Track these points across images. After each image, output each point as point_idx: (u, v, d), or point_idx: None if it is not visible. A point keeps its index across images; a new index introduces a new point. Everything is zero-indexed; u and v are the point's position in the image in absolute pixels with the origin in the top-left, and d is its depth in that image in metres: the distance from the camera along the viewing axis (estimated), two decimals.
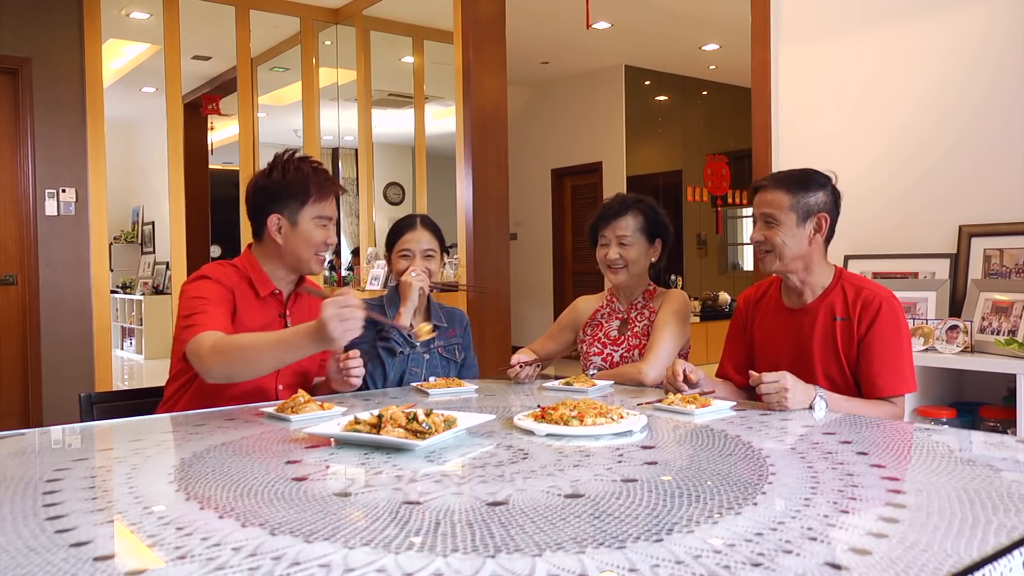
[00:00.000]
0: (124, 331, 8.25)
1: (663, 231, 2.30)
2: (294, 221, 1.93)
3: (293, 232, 1.93)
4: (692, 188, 8.86)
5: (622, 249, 2.26)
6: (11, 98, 4.42)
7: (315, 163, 1.98)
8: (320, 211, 1.94)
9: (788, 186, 1.85)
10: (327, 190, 1.95)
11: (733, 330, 2.12)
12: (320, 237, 1.94)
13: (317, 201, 1.93)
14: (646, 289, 2.33)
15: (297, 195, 1.92)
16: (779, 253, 1.85)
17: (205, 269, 1.92)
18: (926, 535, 0.84)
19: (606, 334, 2.32)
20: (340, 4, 5.74)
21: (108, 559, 0.80)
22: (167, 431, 1.53)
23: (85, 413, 1.91)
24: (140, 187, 8.17)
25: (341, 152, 6.56)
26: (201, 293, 1.83)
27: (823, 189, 1.87)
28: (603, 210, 2.31)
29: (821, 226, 1.86)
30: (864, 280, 1.90)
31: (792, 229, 1.84)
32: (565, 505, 0.96)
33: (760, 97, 3.18)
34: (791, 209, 1.83)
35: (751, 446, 1.30)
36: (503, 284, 4.64)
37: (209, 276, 1.88)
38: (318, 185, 1.93)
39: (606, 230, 2.28)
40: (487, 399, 1.84)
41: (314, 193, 1.92)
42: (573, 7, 5.73)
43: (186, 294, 1.85)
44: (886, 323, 1.80)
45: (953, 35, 2.67)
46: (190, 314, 1.79)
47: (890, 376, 1.79)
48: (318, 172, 1.96)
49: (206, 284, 1.86)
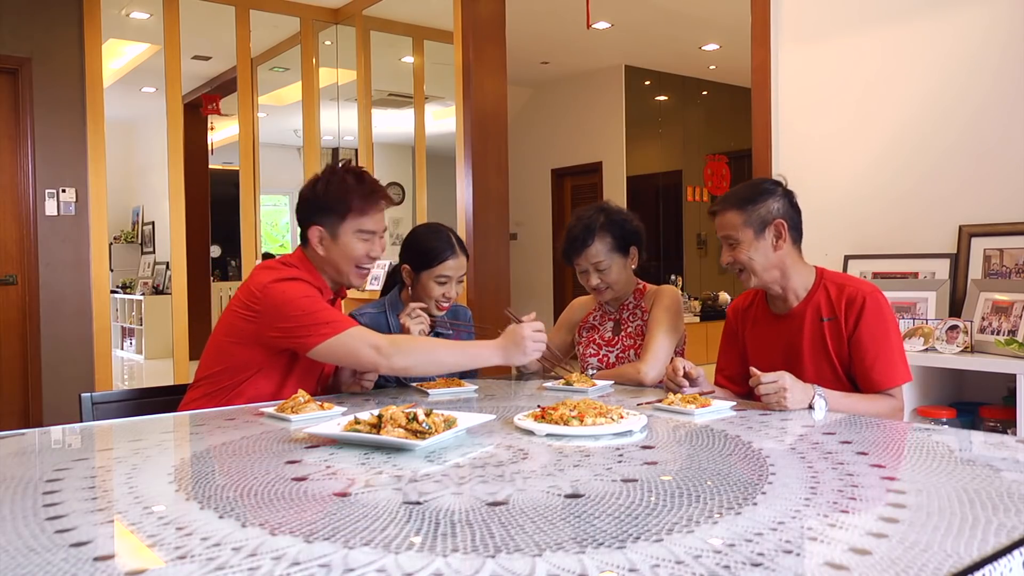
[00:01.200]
0: (124, 331, 8.25)
1: (634, 238, 2.26)
2: (335, 234, 1.91)
3: (334, 245, 1.92)
4: (692, 188, 8.86)
5: (600, 275, 2.23)
6: (11, 98, 4.42)
7: (361, 174, 1.95)
8: (360, 225, 1.91)
9: (736, 204, 1.87)
10: (369, 203, 1.92)
11: (725, 340, 2.12)
12: (361, 251, 1.92)
13: (357, 215, 1.91)
14: (636, 289, 2.33)
15: (337, 208, 1.90)
16: (751, 269, 1.87)
17: (288, 270, 1.88)
18: (926, 535, 0.84)
19: (601, 336, 2.32)
20: (340, 4, 5.74)
21: (108, 559, 0.80)
22: (167, 431, 1.53)
23: (85, 413, 1.91)
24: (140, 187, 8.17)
25: (341, 152, 6.56)
26: (309, 293, 1.82)
27: (772, 196, 1.87)
28: (568, 240, 2.25)
29: (781, 233, 1.87)
30: (846, 277, 1.92)
31: (752, 244, 1.85)
32: (565, 505, 0.96)
33: (760, 97, 3.18)
34: (745, 225, 1.85)
35: (751, 446, 1.30)
36: (503, 284, 4.63)
37: (300, 278, 1.86)
38: (361, 197, 1.91)
39: (579, 259, 2.24)
40: (487, 399, 1.84)
41: (355, 207, 1.90)
42: (573, 7, 5.72)
43: (290, 293, 1.80)
44: (872, 317, 1.81)
45: (953, 35, 2.67)
46: (313, 311, 1.78)
47: (884, 369, 1.79)
48: (362, 184, 1.92)
49: (304, 286, 1.84)
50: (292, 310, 1.78)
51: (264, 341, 1.82)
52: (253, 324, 1.81)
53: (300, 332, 1.77)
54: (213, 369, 1.86)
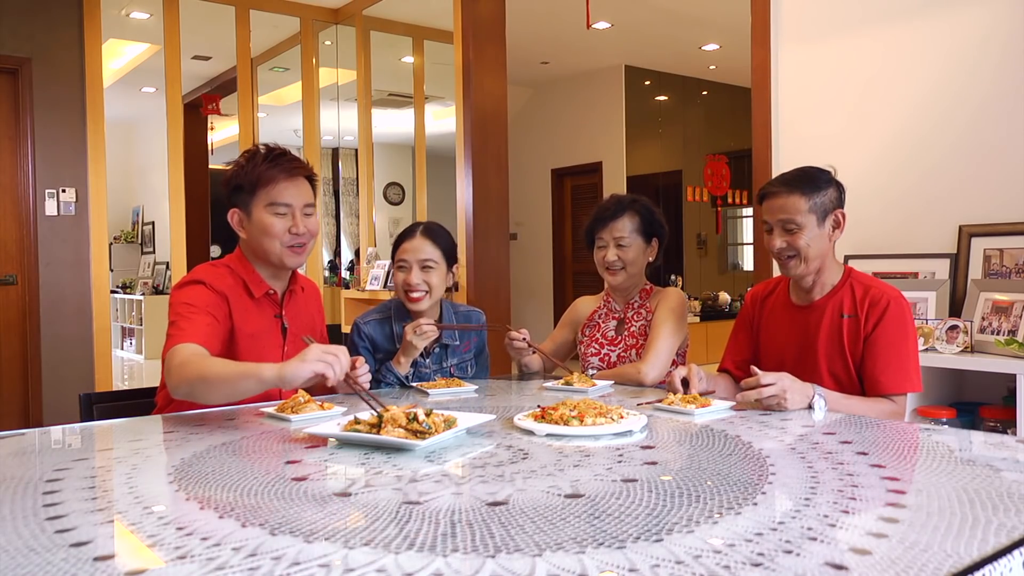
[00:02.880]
0: (124, 331, 8.24)
1: (659, 230, 2.30)
2: (249, 213, 1.84)
3: (251, 224, 1.84)
4: (692, 188, 8.86)
5: (620, 251, 2.25)
6: (11, 98, 4.42)
7: (272, 148, 1.85)
8: (271, 197, 1.81)
9: (801, 188, 1.83)
10: (276, 172, 1.81)
11: (739, 325, 2.11)
12: (278, 227, 1.82)
13: (265, 186, 1.81)
14: (643, 289, 2.33)
15: (245, 184, 1.82)
16: (804, 257, 1.83)
17: (198, 272, 1.84)
18: (926, 535, 0.84)
19: (603, 334, 2.32)
20: (340, 4, 5.74)
21: (108, 559, 0.80)
22: (167, 431, 1.52)
23: (85, 413, 1.91)
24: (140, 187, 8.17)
25: (341, 152, 6.56)
26: (189, 299, 1.75)
27: (831, 185, 1.86)
28: (599, 212, 2.30)
29: (839, 223, 1.86)
30: (873, 279, 1.90)
31: (814, 231, 1.82)
32: (565, 505, 0.96)
33: (760, 97, 3.18)
34: (810, 211, 1.82)
35: (751, 446, 1.30)
36: (503, 284, 4.64)
37: (201, 281, 1.79)
38: (266, 168, 1.81)
39: (603, 232, 2.27)
40: (487, 399, 1.84)
41: (261, 178, 1.81)
42: (573, 7, 5.73)
43: (175, 299, 1.76)
44: (893, 321, 1.79)
45: (953, 35, 2.67)
46: (173, 322, 1.71)
47: (894, 374, 1.78)
48: (270, 158, 1.83)
49: (196, 290, 1.77)
50: (170, 315, 1.75)
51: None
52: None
53: (166, 340, 1.71)
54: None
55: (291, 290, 1.97)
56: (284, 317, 1.94)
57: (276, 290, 1.93)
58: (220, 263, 1.91)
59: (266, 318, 1.90)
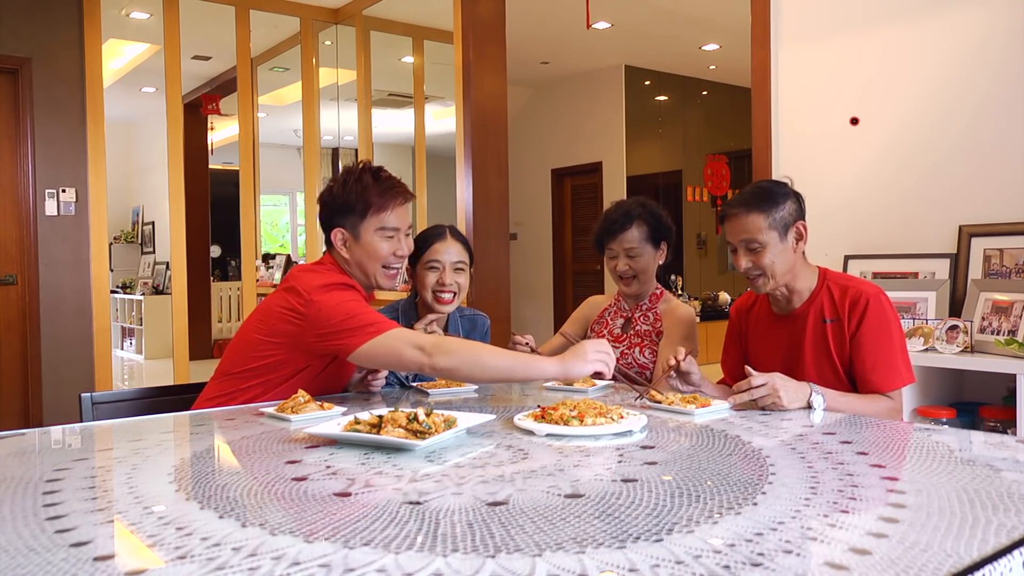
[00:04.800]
0: (124, 331, 8.25)
1: (667, 233, 2.31)
2: (356, 235, 1.87)
3: (357, 246, 1.87)
4: (692, 188, 8.86)
5: (631, 261, 2.27)
6: (11, 98, 4.42)
7: (378, 170, 1.90)
8: (382, 222, 1.86)
9: (759, 206, 1.82)
10: (388, 199, 1.87)
11: (729, 339, 2.12)
12: (386, 249, 1.87)
13: (378, 212, 1.86)
14: (652, 292, 2.35)
15: (356, 207, 1.86)
16: (771, 274, 1.83)
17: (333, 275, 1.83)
18: (926, 535, 0.84)
19: (610, 331, 2.34)
20: (340, 4, 5.74)
21: (108, 559, 0.80)
22: (167, 431, 1.52)
23: (85, 413, 1.90)
24: (140, 187, 8.17)
25: (341, 152, 6.56)
26: (355, 296, 1.78)
27: (789, 198, 1.85)
28: (607, 223, 2.30)
29: (802, 234, 1.85)
30: (849, 278, 1.90)
31: (777, 247, 1.82)
32: (565, 505, 0.96)
33: (760, 97, 3.18)
34: (770, 228, 1.81)
35: (751, 446, 1.30)
36: (503, 284, 4.64)
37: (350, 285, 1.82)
38: (379, 194, 1.86)
39: (612, 243, 2.29)
40: (487, 399, 1.84)
41: (374, 204, 1.85)
42: (573, 7, 5.72)
43: (336, 297, 1.75)
44: (874, 319, 1.80)
45: (953, 35, 2.67)
46: (355, 314, 1.72)
47: (884, 372, 1.79)
48: (380, 181, 1.88)
49: (353, 291, 1.80)
50: (337, 314, 1.73)
51: (305, 346, 1.77)
52: (296, 327, 1.75)
53: (344, 335, 1.71)
54: (242, 367, 1.81)
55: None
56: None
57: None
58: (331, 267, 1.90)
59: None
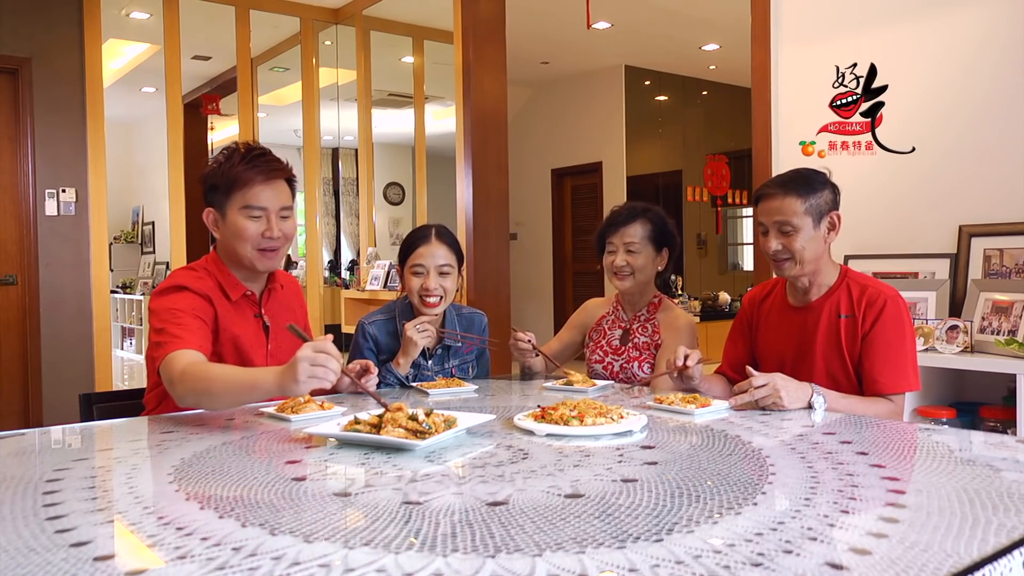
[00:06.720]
0: (124, 331, 8.24)
1: (670, 240, 2.30)
2: (224, 214, 1.78)
3: (224, 226, 1.79)
4: (692, 188, 8.86)
5: (629, 256, 2.25)
6: (11, 98, 4.42)
7: (250, 147, 1.79)
8: (246, 200, 1.75)
9: (797, 190, 1.82)
10: (253, 174, 1.75)
11: (736, 328, 2.11)
12: (252, 230, 1.76)
13: (241, 188, 1.75)
14: (651, 301, 2.33)
15: (221, 184, 1.76)
16: (799, 259, 1.83)
17: (178, 278, 1.78)
18: (926, 535, 0.84)
19: (608, 343, 2.32)
20: (340, 4, 5.74)
21: (108, 559, 0.80)
22: (167, 431, 1.52)
23: (85, 413, 1.91)
24: (140, 187, 8.16)
25: (341, 152, 6.56)
26: (175, 305, 1.70)
27: (826, 187, 1.85)
28: (611, 217, 2.31)
29: (835, 224, 1.85)
30: (869, 279, 1.90)
31: (810, 233, 1.82)
32: (565, 505, 0.96)
33: (760, 97, 3.18)
34: (806, 213, 1.81)
35: (751, 446, 1.30)
36: (503, 284, 4.64)
37: (186, 287, 1.75)
38: (244, 170, 1.74)
39: (614, 237, 2.28)
40: (487, 399, 1.84)
41: (238, 179, 1.74)
42: (573, 7, 5.72)
43: (159, 305, 1.71)
44: (890, 321, 1.79)
45: (952, 35, 2.67)
46: (162, 328, 1.66)
47: (892, 373, 1.78)
48: (248, 158, 1.76)
49: (182, 296, 1.73)
50: (155, 322, 1.70)
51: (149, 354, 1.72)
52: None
53: (154, 349, 1.67)
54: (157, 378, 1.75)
55: (270, 288, 1.92)
56: (264, 316, 1.90)
57: (254, 291, 1.89)
58: (197, 265, 1.86)
59: (247, 319, 1.86)
